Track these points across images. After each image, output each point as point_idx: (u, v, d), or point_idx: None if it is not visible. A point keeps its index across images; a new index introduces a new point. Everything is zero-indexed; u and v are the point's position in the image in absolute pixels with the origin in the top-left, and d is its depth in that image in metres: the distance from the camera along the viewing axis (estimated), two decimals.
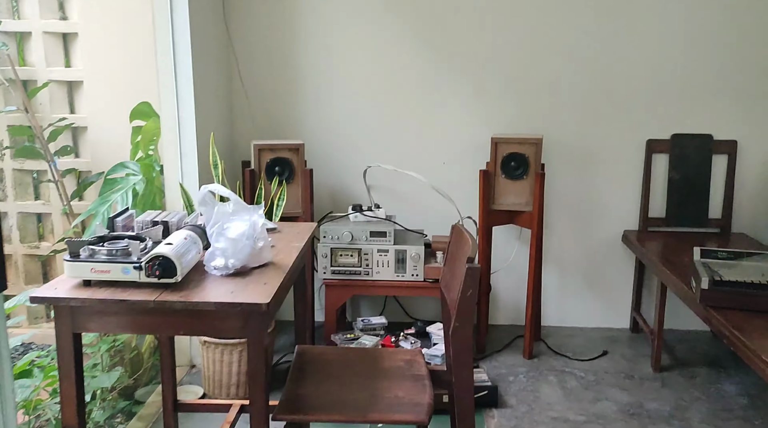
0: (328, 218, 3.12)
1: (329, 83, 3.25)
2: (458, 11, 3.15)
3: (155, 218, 1.92)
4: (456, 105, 3.25)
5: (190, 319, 1.58)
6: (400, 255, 2.95)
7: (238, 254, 1.70)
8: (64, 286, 1.58)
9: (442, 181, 3.23)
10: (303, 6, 3.17)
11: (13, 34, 3.33)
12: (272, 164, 2.96)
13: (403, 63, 3.21)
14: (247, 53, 3.22)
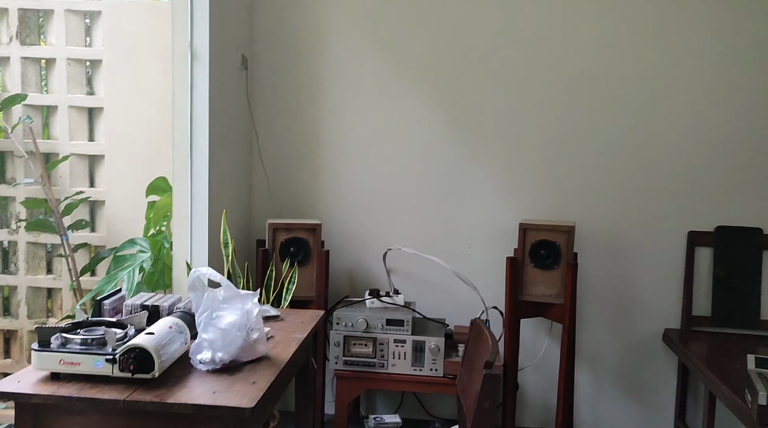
0: (343, 303, 2.93)
1: (350, 162, 3.14)
2: (487, 92, 3.06)
3: (146, 302, 1.77)
4: (482, 188, 3.10)
5: (166, 422, 1.39)
6: (418, 346, 2.73)
7: (228, 346, 1.52)
8: (29, 379, 1.42)
9: (465, 267, 3.04)
10: (326, 86, 3.11)
11: (39, 108, 3.34)
12: (287, 244, 2.81)
13: (427, 143, 3.10)
14: (268, 131, 3.15)
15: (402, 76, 3.08)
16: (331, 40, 3.10)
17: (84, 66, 3.36)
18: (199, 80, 2.61)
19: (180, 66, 2.60)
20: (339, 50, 3.10)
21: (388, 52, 3.08)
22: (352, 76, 3.11)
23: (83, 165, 3.36)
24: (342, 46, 3.09)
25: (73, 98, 3.29)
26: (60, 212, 3.14)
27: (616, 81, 2.99)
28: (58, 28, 3.27)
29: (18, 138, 3.23)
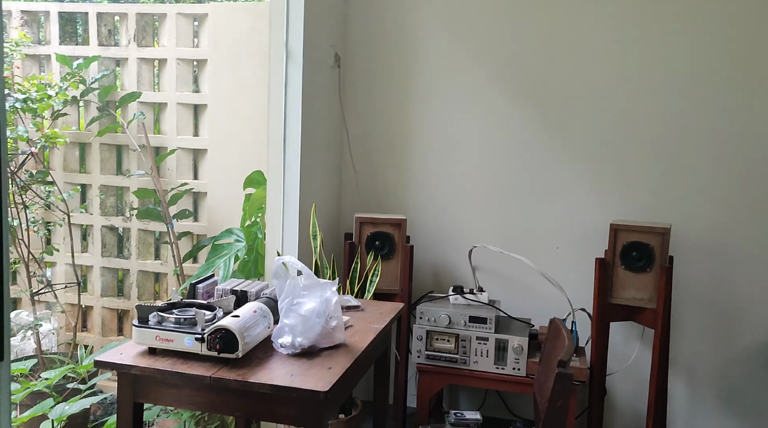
0: (427, 297, 2.96)
1: (438, 160, 3.16)
2: (579, 90, 2.98)
3: (235, 287, 1.88)
4: (572, 187, 3.03)
5: (246, 401, 1.48)
6: (501, 345, 2.71)
7: (308, 332, 1.59)
8: (130, 352, 1.55)
9: (553, 267, 2.98)
10: (416, 84, 3.15)
11: (151, 105, 3.60)
12: (372, 238, 2.88)
13: (516, 141, 3.07)
14: (358, 127, 3.23)
15: (493, 74, 3.06)
16: (423, 38, 3.13)
17: (191, 65, 3.58)
18: (293, 78, 2.72)
19: (276, 64, 2.73)
20: (430, 48, 3.12)
21: (480, 50, 3.07)
22: (442, 74, 3.12)
23: (188, 158, 3.59)
24: (433, 44, 3.12)
25: (180, 96, 3.52)
26: (166, 202, 3.37)
27: (719, 81, 2.83)
28: (169, 31, 3.51)
29: (132, 133, 3.50)
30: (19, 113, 2.85)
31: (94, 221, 3.68)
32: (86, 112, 3.66)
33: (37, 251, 3.28)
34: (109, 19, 3.64)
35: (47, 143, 3.01)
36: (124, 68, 3.61)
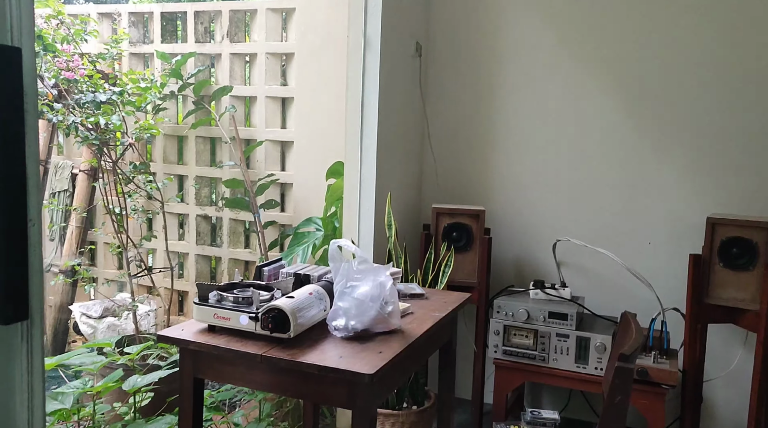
0: (506, 292, 2.87)
1: (521, 150, 3.05)
2: (675, 79, 2.77)
3: (299, 270, 1.90)
4: (665, 179, 2.82)
5: (297, 381, 1.48)
6: (582, 343, 2.58)
7: (361, 316, 1.58)
8: (191, 329, 1.60)
9: (644, 264, 2.80)
10: (501, 73, 3.05)
11: (242, 98, 3.73)
12: (449, 229, 2.83)
13: (605, 131, 2.90)
14: (439, 117, 3.18)
15: (581, 62, 2.92)
16: (509, 25, 3.03)
17: (279, 59, 3.68)
18: (370, 68, 2.72)
19: (354, 55, 2.74)
20: (516, 37, 3.02)
21: (568, 38, 2.93)
22: (528, 61, 3.01)
23: (276, 150, 3.69)
24: (519, 33, 3.01)
25: (269, 89, 3.63)
26: (254, 193, 3.48)
27: None
28: (259, 26, 3.62)
29: (224, 125, 3.65)
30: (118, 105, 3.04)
31: (190, 210, 3.87)
32: (184, 106, 3.86)
33: (138, 238, 3.49)
34: (205, 17, 3.81)
35: (142, 134, 3.19)
36: (218, 63, 3.76)
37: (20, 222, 0.81)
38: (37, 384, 0.89)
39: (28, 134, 0.81)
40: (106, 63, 3.30)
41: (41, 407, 0.90)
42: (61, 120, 2.84)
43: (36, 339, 0.88)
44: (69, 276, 3.71)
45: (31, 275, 0.83)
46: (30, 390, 0.88)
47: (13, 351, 0.85)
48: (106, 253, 4.03)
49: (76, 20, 3.13)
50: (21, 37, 0.80)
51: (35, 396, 0.89)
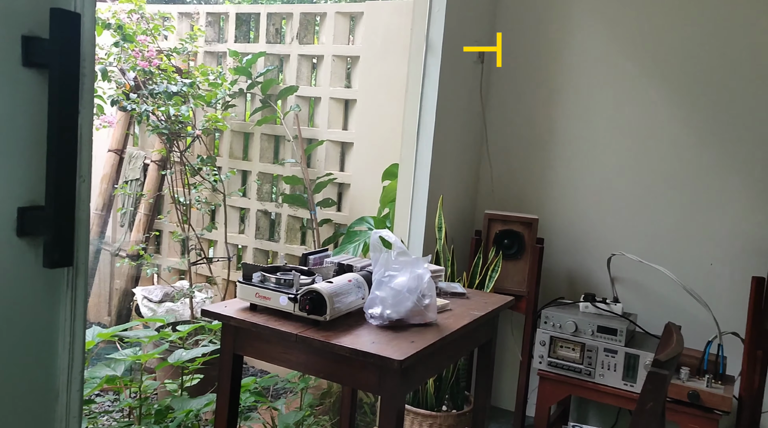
0: (555, 303, 2.82)
1: (579, 160, 3.00)
2: (748, 92, 2.66)
3: (342, 260, 1.94)
4: (732, 197, 2.71)
5: (329, 363, 1.52)
6: (631, 360, 2.50)
7: (397, 306, 1.60)
8: (234, 306, 1.67)
9: (702, 283, 2.69)
10: (563, 82, 3.02)
11: (307, 99, 3.83)
12: (501, 236, 2.81)
13: (669, 142, 2.82)
14: (498, 124, 3.17)
15: (645, 74, 2.85)
16: (573, 35, 3.00)
17: (345, 62, 3.76)
18: (430, 72, 2.75)
19: (415, 58, 2.77)
20: (579, 48, 2.98)
21: (635, 44, 2.88)
22: (591, 71, 2.97)
23: (336, 151, 3.76)
24: (583, 44, 2.98)
25: (333, 91, 3.71)
26: (312, 190, 3.56)
27: None
28: (328, 29, 3.72)
29: (288, 124, 3.75)
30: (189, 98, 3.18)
31: (251, 205, 4.00)
32: (251, 103, 4.00)
33: (200, 228, 3.64)
34: (277, 19, 3.94)
35: (209, 126, 3.33)
36: (286, 64, 3.88)
37: (70, 176, 0.88)
38: (79, 330, 0.95)
39: (83, 96, 0.88)
40: (180, 58, 3.47)
41: (81, 352, 0.96)
42: (134, 109, 3.01)
43: (80, 288, 0.95)
44: (134, 260, 3.89)
45: (78, 226, 0.90)
46: (72, 335, 0.95)
47: (58, 295, 0.92)
48: (169, 241, 4.20)
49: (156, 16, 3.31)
50: (83, 3, 0.87)
51: (76, 340, 0.95)
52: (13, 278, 0.86)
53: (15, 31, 0.81)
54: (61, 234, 0.86)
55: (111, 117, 3.56)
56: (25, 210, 0.85)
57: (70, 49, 0.83)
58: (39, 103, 0.85)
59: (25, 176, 0.85)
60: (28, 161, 0.85)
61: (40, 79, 0.84)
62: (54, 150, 0.85)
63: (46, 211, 0.86)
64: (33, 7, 0.82)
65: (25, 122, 0.84)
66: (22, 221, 0.85)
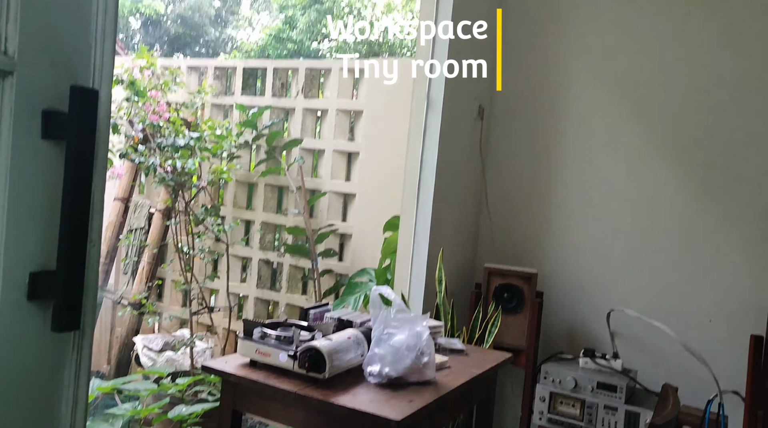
0: (555, 358, 2.82)
1: (577, 216, 3.04)
2: (746, 150, 2.72)
3: (342, 316, 1.96)
4: (731, 254, 2.73)
5: (328, 421, 1.53)
6: (631, 418, 2.48)
7: (396, 364, 1.61)
8: (234, 362, 1.68)
9: (701, 341, 2.69)
10: (561, 140, 3.09)
11: (311, 151, 3.91)
12: (501, 289, 2.83)
13: (665, 201, 2.86)
14: (498, 178, 3.23)
15: (645, 129, 2.92)
16: (573, 94, 3.08)
17: (349, 116, 3.85)
18: (431, 128, 2.82)
19: (416, 114, 2.85)
20: (579, 106, 3.06)
21: (631, 103, 2.95)
22: (590, 132, 3.04)
23: (338, 201, 3.82)
24: (583, 102, 3.05)
25: (337, 143, 3.79)
26: (314, 241, 3.60)
27: None
28: (332, 84, 3.83)
29: (292, 175, 3.82)
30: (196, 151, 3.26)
31: (253, 254, 4.03)
32: (256, 155, 4.08)
33: (202, 277, 3.66)
34: (283, 73, 4.06)
35: (214, 178, 3.39)
36: (291, 117, 3.98)
37: (82, 242, 0.92)
38: (82, 391, 0.97)
39: (97, 165, 0.93)
40: (189, 112, 3.57)
41: (83, 413, 0.98)
42: (142, 161, 3.08)
43: (85, 350, 0.97)
44: (136, 309, 3.91)
45: (86, 290, 0.93)
46: (75, 396, 0.97)
47: (63, 357, 0.94)
48: (172, 289, 4.22)
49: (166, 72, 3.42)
50: (101, 81, 0.92)
51: (79, 402, 0.97)
52: (22, 341, 0.89)
53: (37, 106, 0.86)
54: (69, 299, 0.90)
55: (119, 169, 3.63)
56: (36, 275, 0.89)
57: (88, 123, 0.88)
58: (55, 172, 0.89)
59: (38, 242, 0.89)
60: (42, 228, 0.89)
61: (57, 150, 0.89)
62: (68, 217, 0.89)
63: (56, 276, 0.89)
64: (55, 85, 0.87)
65: (41, 190, 0.89)
66: (33, 285, 0.88)
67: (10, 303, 0.87)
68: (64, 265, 0.89)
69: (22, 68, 0.84)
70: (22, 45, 0.83)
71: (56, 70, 0.87)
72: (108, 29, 0.93)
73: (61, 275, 0.89)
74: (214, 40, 15.34)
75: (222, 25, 15.62)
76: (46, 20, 0.86)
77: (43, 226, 0.89)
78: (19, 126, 0.85)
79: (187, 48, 15.20)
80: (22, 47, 0.83)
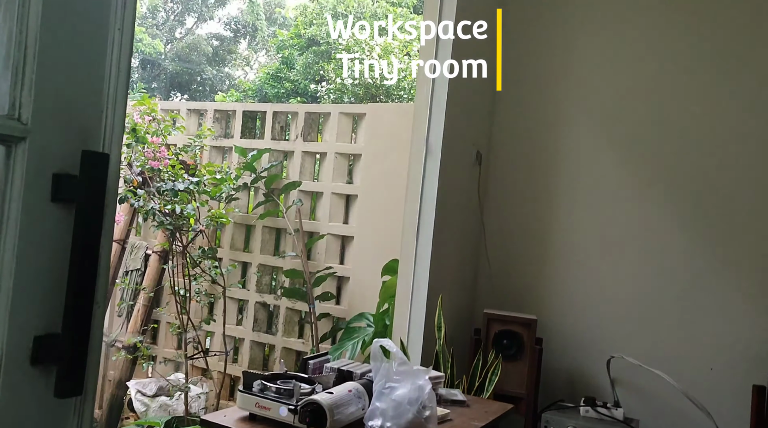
0: (555, 406, 2.78)
1: (577, 261, 3.04)
2: (743, 195, 2.75)
3: (343, 366, 1.94)
4: (731, 302, 2.73)
5: None
6: None
7: (398, 418, 1.59)
8: (233, 416, 1.65)
9: (703, 389, 2.67)
10: (559, 186, 3.11)
11: (310, 193, 3.92)
12: (500, 336, 2.81)
13: (664, 247, 2.87)
14: (496, 223, 3.23)
15: (644, 176, 2.94)
16: (569, 142, 3.12)
17: (347, 159, 3.88)
18: (430, 173, 2.84)
19: (415, 160, 2.87)
20: (576, 153, 3.09)
21: (629, 151, 2.99)
22: (586, 175, 3.06)
23: (336, 244, 3.82)
24: (579, 149, 3.09)
25: (335, 186, 3.81)
26: (311, 284, 3.59)
27: None
28: (331, 128, 3.87)
29: (290, 218, 3.83)
30: (195, 194, 3.27)
31: (250, 296, 4.00)
32: (255, 196, 4.09)
33: (198, 320, 3.63)
34: (282, 117, 4.10)
35: (212, 222, 3.39)
36: (290, 160, 4.00)
37: (88, 305, 0.91)
38: None
39: (104, 226, 0.93)
40: (188, 155, 3.59)
41: None
42: (141, 205, 3.08)
43: (86, 415, 0.96)
44: (130, 352, 3.85)
45: (90, 353, 0.92)
46: None
47: (64, 423, 0.93)
48: (167, 332, 4.17)
49: (167, 117, 3.45)
50: (111, 144, 0.93)
51: None
52: (23, 405, 0.87)
53: (48, 170, 0.87)
54: (73, 364, 0.88)
55: (118, 215, 3.63)
56: (40, 338, 0.88)
57: (98, 186, 0.89)
58: (63, 234, 0.89)
59: (44, 304, 0.88)
60: (48, 290, 0.89)
61: (66, 212, 0.89)
62: (75, 280, 0.89)
63: (61, 340, 0.88)
64: (66, 149, 0.88)
65: (48, 252, 0.89)
66: (37, 349, 0.87)
67: (13, 367, 0.86)
68: (70, 329, 0.88)
69: (35, 134, 0.84)
70: (35, 111, 0.84)
71: (68, 135, 0.88)
72: (120, 93, 0.94)
73: (67, 339, 0.88)
74: (212, 78, 15.52)
75: (220, 64, 15.84)
76: (60, 86, 0.87)
77: (49, 288, 0.88)
78: (29, 189, 0.85)
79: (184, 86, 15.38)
80: (35, 113, 0.84)
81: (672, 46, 2.93)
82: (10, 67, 0.83)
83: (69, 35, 0.88)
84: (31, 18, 0.83)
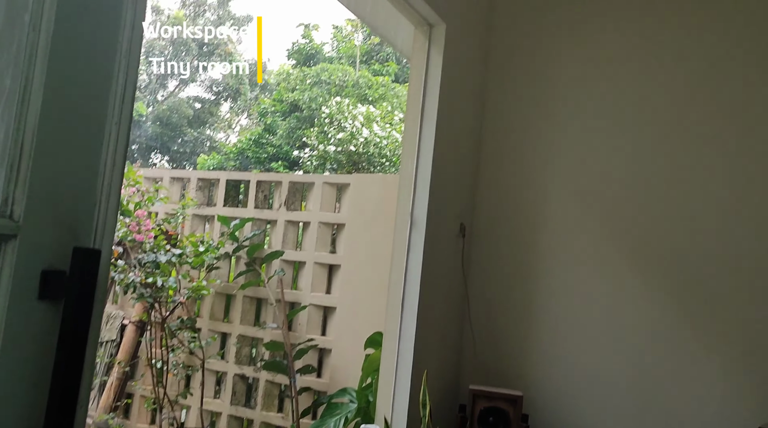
0: None
1: (563, 335, 3.03)
2: (723, 272, 2.78)
3: None
4: (714, 380, 2.72)
5: None
6: None
7: None
8: None
9: None
10: (542, 259, 3.13)
11: (292, 263, 3.89)
12: (486, 413, 2.75)
13: (647, 324, 2.87)
14: (480, 297, 3.22)
15: (623, 252, 2.97)
16: (551, 214, 3.16)
17: (331, 228, 3.88)
18: (415, 246, 2.84)
19: (400, 232, 2.87)
20: (558, 224, 3.13)
21: (610, 224, 3.02)
22: (569, 250, 3.09)
23: (318, 314, 3.76)
24: (562, 221, 3.12)
25: (318, 256, 3.79)
26: (292, 356, 3.51)
27: None
28: (315, 197, 3.88)
29: (272, 288, 3.78)
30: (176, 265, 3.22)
31: (228, 368, 3.90)
32: (236, 265, 4.04)
33: (175, 393, 3.51)
34: (266, 186, 4.11)
35: (194, 295, 3.33)
36: (273, 228, 3.99)
37: (71, 405, 0.87)
38: None
39: (92, 324, 0.90)
40: (171, 225, 3.56)
41: None
42: (122, 278, 3.02)
43: None
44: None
45: None
46: None
47: None
48: (141, 407, 4.02)
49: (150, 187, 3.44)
50: (103, 240, 0.92)
51: None
52: None
53: (37, 266, 0.85)
54: None
55: None
56: None
57: (88, 283, 0.87)
58: (48, 332, 0.87)
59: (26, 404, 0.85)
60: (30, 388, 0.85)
61: (53, 310, 0.87)
62: (59, 382, 0.85)
63: None
64: (57, 245, 0.86)
65: (31, 351, 0.86)
66: None
67: None
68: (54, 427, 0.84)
69: (26, 231, 0.83)
70: (28, 208, 0.83)
71: (59, 231, 0.87)
72: (114, 186, 0.93)
73: None
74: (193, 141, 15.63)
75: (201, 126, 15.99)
76: (54, 182, 0.87)
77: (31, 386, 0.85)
78: (17, 288, 0.83)
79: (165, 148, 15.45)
80: (28, 210, 0.83)
81: (643, 130, 3.03)
82: (5, 164, 0.83)
83: (66, 132, 0.88)
84: (29, 115, 0.83)
